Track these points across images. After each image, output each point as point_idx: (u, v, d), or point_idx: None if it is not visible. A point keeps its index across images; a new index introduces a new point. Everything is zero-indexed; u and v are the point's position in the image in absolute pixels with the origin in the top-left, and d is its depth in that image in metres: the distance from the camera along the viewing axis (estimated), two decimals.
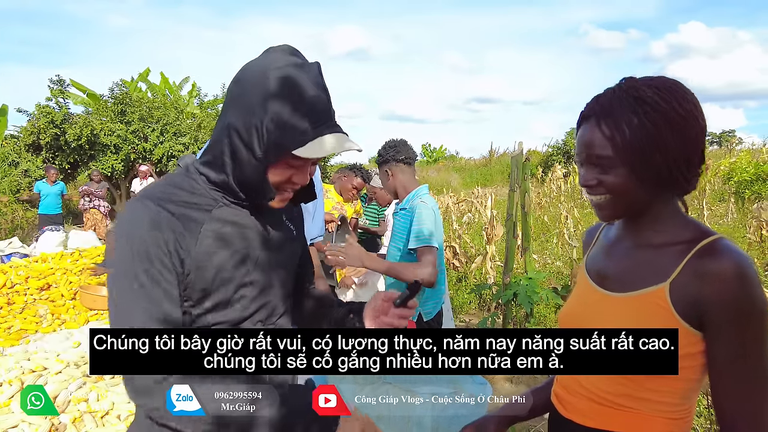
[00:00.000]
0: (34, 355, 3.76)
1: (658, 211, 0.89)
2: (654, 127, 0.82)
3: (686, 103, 0.83)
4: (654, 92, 0.83)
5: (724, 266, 0.78)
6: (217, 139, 0.92)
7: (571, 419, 0.96)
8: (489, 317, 3.48)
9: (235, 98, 0.90)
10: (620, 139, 0.83)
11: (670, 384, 0.85)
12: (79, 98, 15.17)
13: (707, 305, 0.79)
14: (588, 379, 0.93)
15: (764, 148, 12.65)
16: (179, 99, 16.51)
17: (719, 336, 0.79)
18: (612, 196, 0.87)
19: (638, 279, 0.87)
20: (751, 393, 0.80)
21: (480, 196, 12.28)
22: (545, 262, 6.43)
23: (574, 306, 1.01)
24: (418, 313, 2.15)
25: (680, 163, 0.84)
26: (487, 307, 5.06)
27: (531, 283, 3.39)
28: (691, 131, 0.83)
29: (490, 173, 20.18)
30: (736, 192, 9.02)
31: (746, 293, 0.77)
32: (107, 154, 13.65)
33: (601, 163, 0.86)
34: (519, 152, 3.46)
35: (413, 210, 2.09)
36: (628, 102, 0.84)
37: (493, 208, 5.95)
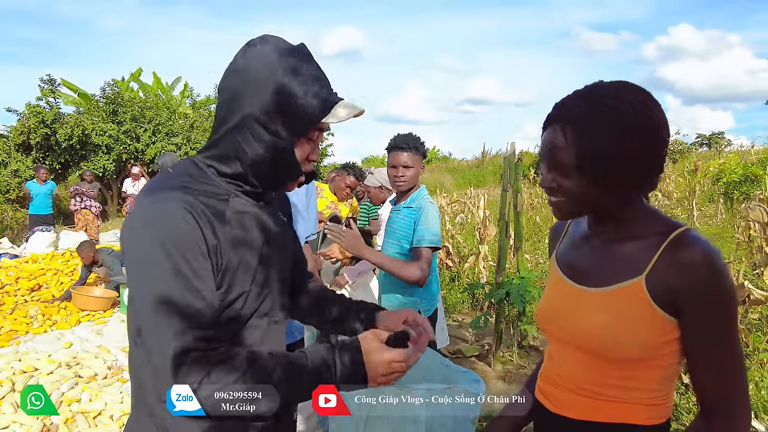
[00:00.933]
0: (25, 356, 3.74)
1: (623, 208, 0.91)
2: (615, 138, 0.82)
3: (649, 114, 0.84)
4: (618, 102, 0.83)
5: (695, 256, 0.82)
6: (228, 132, 0.91)
7: (558, 413, 0.98)
8: (482, 316, 3.50)
9: (244, 87, 0.89)
10: (582, 148, 0.84)
11: (650, 372, 0.88)
12: (69, 98, 15.06)
13: (681, 293, 0.82)
14: (571, 372, 0.95)
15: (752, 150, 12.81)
16: (171, 99, 16.43)
17: (693, 322, 0.83)
18: (569, 199, 0.90)
19: (614, 273, 0.89)
20: (726, 375, 0.84)
21: (472, 196, 12.32)
22: (537, 261, 6.47)
23: (550, 302, 1.02)
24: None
25: (639, 171, 0.86)
26: (479, 307, 5.09)
27: (523, 282, 3.42)
28: (652, 142, 0.84)
29: (482, 174, 20.25)
30: (725, 193, 9.13)
31: (716, 281, 0.81)
32: (99, 154, 13.57)
33: (562, 168, 0.88)
34: (511, 153, 3.49)
35: (420, 209, 2.11)
36: (591, 111, 0.84)
37: (485, 209, 5.98)
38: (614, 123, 0.82)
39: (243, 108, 0.89)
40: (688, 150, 17.89)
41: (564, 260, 1.02)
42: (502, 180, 3.58)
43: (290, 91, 0.87)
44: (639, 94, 0.85)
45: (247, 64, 0.90)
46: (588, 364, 0.93)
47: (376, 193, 3.72)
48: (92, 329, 4.61)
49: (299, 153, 0.92)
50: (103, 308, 5.11)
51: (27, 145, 12.84)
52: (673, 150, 16.39)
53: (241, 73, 0.90)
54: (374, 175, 3.74)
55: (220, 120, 0.92)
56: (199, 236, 0.83)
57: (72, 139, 12.77)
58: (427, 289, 2.19)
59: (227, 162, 0.92)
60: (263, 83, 0.87)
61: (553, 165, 0.89)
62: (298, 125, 0.89)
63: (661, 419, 0.91)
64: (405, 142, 2.13)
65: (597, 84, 0.88)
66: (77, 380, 3.40)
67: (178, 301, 0.81)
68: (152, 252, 0.82)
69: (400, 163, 2.14)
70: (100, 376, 3.51)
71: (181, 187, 0.87)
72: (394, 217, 2.24)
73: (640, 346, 0.86)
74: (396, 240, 2.19)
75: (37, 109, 12.73)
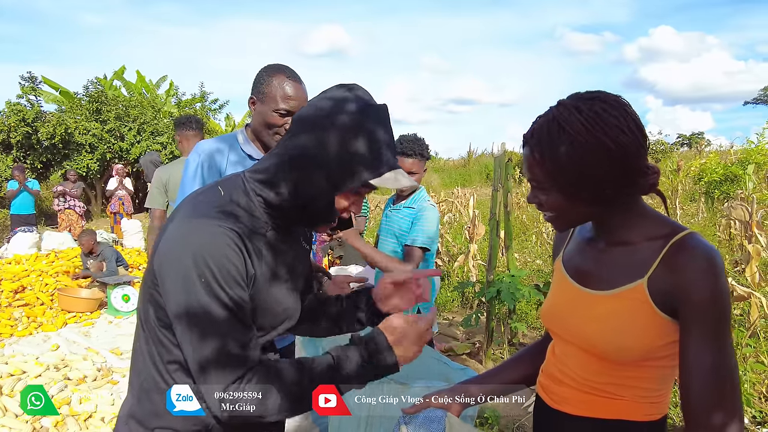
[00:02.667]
0: (11, 359, 3.68)
1: (622, 213, 0.92)
2: (578, 156, 0.84)
3: (611, 130, 0.84)
4: (580, 121, 0.84)
5: (696, 260, 0.83)
6: (284, 161, 0.93)
7: (558, 410, 0.99)
8: (473, 314, 3.54)
9: (312, 124, 0.91)
10: (549, 167, 0.87)
11: (651, 372, 0.90)
12: (51, 96, 14.77)
13: (681, 296, 0.83)
14: (573, 369, 0.97)
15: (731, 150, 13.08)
16: (156, 98, 16.21)
17: (691, 324, 0.83)
18: (556, 214, 0.93)
19: (617, 277, 0.91)
20: (715, 381, 0.81)
21: (460, 196, 12.39)
22: (525, 260, 6.55)
23: (555, 304, 1.04)
24: (417, 308, 2.20)
25: (611, 183, 0.86)
26: (469, 305, 5.14)
27: (513, 280, 3.47)
28: (617, 155, 0.84)
29: (468, 174, 20.36)
30: (706, 192, 9.32)
31: (715, 286, 0.82)
32: (82, 153, 13.34)
33: (539, 184, 0.91)
34: (502, 153, 3.53)
35: (421, 210, 2.14)
36: (554, 130, 0.86)
37: (475, 208, 6.04)
38: (569, 142, 0.84)
39: (309, 146, 0.90)
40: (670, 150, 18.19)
41: (570, 262, 1.04)
42: (492, 179, 3.62)
43: (353, 146, 0.88)
44: (599, 107, 0.86)
45: (331, 106, 0.91)
46: (590, 363, 0.95)
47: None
48: (79, 331, 4.55)
49: (341, 203, 0.94)
50: (89, 310, 5.05)
51: (7, 144, 12.57)
52: (655, 150, 16.64)
53: (322, 113, 0.91)
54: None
55: (284, 145, 0.94)
56: (239, 267, 0.86)
57: (54, 138, 12.54)
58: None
59: (275, 191, 0.94)
60: (335, 131, 0.89)
61: (532, 182, 0.93)
62: (349, 180, 0.90)
63: (658, 416, 0.93)
64: (411, 148, 2.14)
65: (562, 102, 0.90)
66: (66, 382, 3.36)
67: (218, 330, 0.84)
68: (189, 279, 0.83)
69: (405, 169, 2.15)
70: (90, 378, 3.47)
71: (226, 215, 0.89)
72: (393, 216, 2.27)
73: (642, 349, 0.88)
74: (393, 237, 2.22)
75: (17, 108, 12.46)
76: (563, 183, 0.87)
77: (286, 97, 1.54)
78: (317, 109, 0.92)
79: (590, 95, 0.89)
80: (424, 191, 2.27)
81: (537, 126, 0.89)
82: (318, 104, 0.93)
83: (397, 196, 2.32)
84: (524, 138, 0.92)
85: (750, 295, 3.47)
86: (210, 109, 16.85)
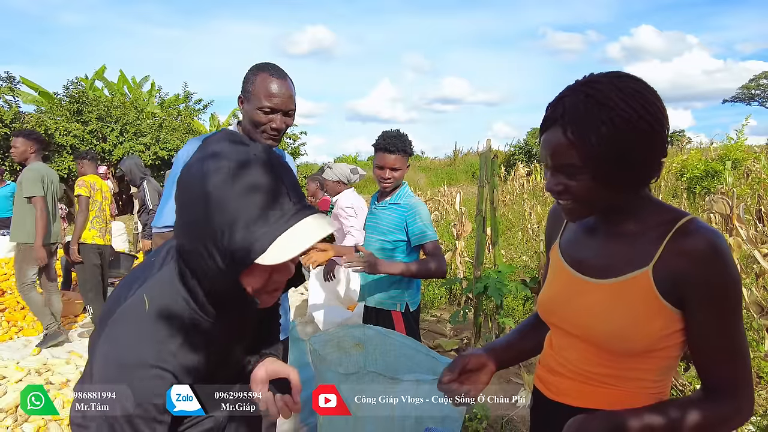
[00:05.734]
0: None
1: (630, 201, 0.89)
2: (621, 136, 0.80)
3: (651, 107, 0.81)
4: (619, 98, 0.80)
5: (700, 244, 0.81)
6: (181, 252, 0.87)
7: (557, 401, 0.98)
8: (461, 310, 3.55)
9: (184, 208, 0.82)
10: (588, 149, 0.81)
11: (653, 363, 0.89)
12: (29, 96, 14.49)
13: (687, 283, 0.82)
14: (572, 361, 0.95)
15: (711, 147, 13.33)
16: (139, 98, 15.99)
17: (700, 310, 0.82)
18: (578, 201, 0.87)
19: (621, 265, 0.88)
20: (732, 360, 0.84)
21: (446, 194, 12.45)
22: (512, 256, 6.59)
23: (554, 294, 1.00)
24: (405, 303, 2.20)
25: (646, 165, 0.84)
26: (457, 302, 5.16)
27: (501, 276, 3.48)
28: (657, 135, 0.82)
29: (454, 173, 20.46)
30: (688, 188, 9.48)
31: (722, 270, 0.81)
32: (63, 155, 13.10)
33: (566, 169, 0.85)
34: (487, 149, 3.55)
35: (410, 207, 2.16)
36: (593, 108, 0.81)
37: (462, 205, 6.05)
38: (609, 120, 0.80)
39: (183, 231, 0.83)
40: None
41: (568, 251, 1.00)
42: (478, 176, 3.63)
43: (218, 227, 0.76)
44: (635, 85, 0.83)
45: (191, 181, 0.79)
46: (591, 354, 0.92)
47: (333, 186, 3.87)
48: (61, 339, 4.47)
49: (252, 282, 0.82)
50: (72, 313, 4.96)
51: None
52: None
53: (183, 191, 0.81)
54: (333, 170, 3.89)
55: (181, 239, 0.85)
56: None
57: None
58: (411, 284, 2.22)
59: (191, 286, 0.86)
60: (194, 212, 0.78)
61: (556, 167, 0.86)
62: (234, 261, 0.77)
63: None
64: (394, 144, 2.14)
65: (589, 79, 0.85)
66: (49, 387, 3.30)
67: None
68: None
69: (388, 165, 2.16)
70: (72, 382, 3.41)
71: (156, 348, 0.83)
72: (379, 213, 2.26)
73: (645, 339, 0.86)
74: (380, 234, 2.21)
75: None
76: (599, 165, 0.82)
77: (269, 95, 1.54)
78: (181, 188, 0.81)
79: (618, 73, 0.84)
80: (407, 186, 2.28)
81: (568, 105, 0.82)
82: (181, 179, 0.81)
83: (380, 193, 2.32)
84: (550, 119, 0.85)
85: None
86: (194, 109, 16.69)
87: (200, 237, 0.79)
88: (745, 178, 10.28)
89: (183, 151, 1.62)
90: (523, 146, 20.67)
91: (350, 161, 24.64)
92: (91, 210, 4.53)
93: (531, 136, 20.95)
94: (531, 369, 3.33)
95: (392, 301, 2.21)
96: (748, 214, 6.26)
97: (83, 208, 4.46)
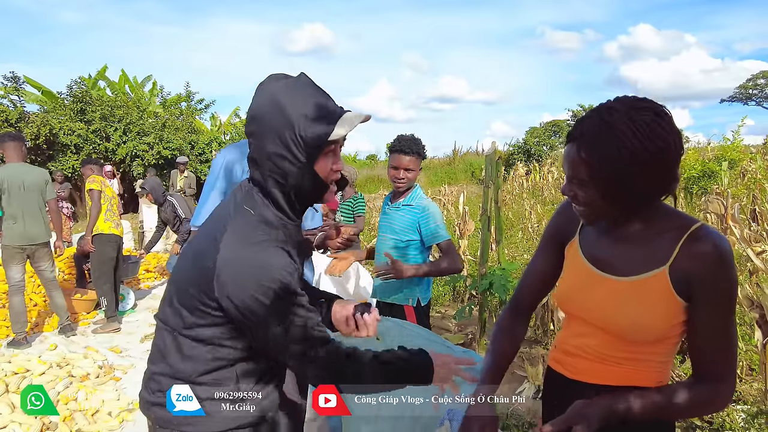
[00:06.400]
0: (14, 358, 3.72)
1: (645, 211, 1.01)
2: (623, 164, 0.91)
3: (659, 141, 0.90)
4: (629, 129, 0.90)
5: (710, 248, 0.94)
6: (259, 161, 1.04)
7: (576, 379, 1.11)
8: (466, 306, 3.69)
9: (261, 131, 1.02)
10: (594, 167, 0.94)
11: (661, 348, 1.03)
12: (33, 96, 14.58)
13: (696, 279, 0.95)
14: (593, 346, 1.08)
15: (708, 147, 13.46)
16: (141, 97, 16.08)
17: (706, 308, 0.96)
18: (588, 208, 1.00)
19: (638, 265, 1.00)
20: (724, 349, 0.98)
21: (447, 194, 12.58)
22: (513, 254, 6.73)
23: (573, 286, 1.11)
24: (417, 298, 2.33)
25: (649, 189, 0.95)
26: (460, 299, 5.30)
27: (505, 273, 3.62)
28: (660, 162, 0.92)
29: (454, 172, 20.52)
30: (685, 188, 9.61)
31: (728, 273, 0.94)
32: (67, 154, 13.21)
33: (577, 180, 0.98)
34: (492, 151, 3.68)
35: (425, 208, 2.31)
36: (604, 135, 0.92)
37: (464, 205, 6.20)
38: (617, 148, 0.91)
39: (265, 148, 1.02)
40: None
41: (587, 249, 1.10)
42: (478, 176, 3.77)
43: (293, 121, 0.99)
44: (648, 117, 0.92)
45: (256, 106, 1.03)
46: (608, 340, 1.05)
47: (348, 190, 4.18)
48: (76, 330, 4.60)
49: (321, 169, 1.04)
50: (85, 310, 5.08)
51: None
52: None
53: (254, 116, 1.04)
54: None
55: (252, 148, 1.06)
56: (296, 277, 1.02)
57: (39, 139, 12.40)
58: (422, 281, 2.36)
59: (271, 194, 1.05)
60: (271, 120, 1.00)
61: (570, 177, 1.00)
62: (310, 148, 1.01)
63: (665, 382, 1.06)
64: (408, 146, 2.28)
65: (611, 104, 0.96)
66: (71, 379, 3.42)
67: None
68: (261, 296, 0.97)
69: (402, 166, 2.29)
70: (93, 375, 3.54)
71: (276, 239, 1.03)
72: (393, 214, 2.40)
73: (659, 329, 0.99)
74: (394, 234, 2.35)
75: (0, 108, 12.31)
76: (603, 183, 0.94)
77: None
78: (251, 116, 1.05)
79: (641, 104, 0.94)
80: (419, 188, 2.41)
81: (587, 127, 0.95)
82: (250, 112, 1.05)
83: (393, 194, 2.45)
84: (571, 135, 0.98)
85: None
86: (195, 109, 16.77)
87: (280, 138, 1.00)
88: (741, 178, 10.43)
89: (220, 157, 1.75)
90: (522, 146, 20.63)
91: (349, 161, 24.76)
92: (103, 203, 4.68)
93: (530, 135, 20.93)
94: (534, 362, 3.47)
95: (404, 297, 2.34)
96: (743, 213, 6.41)
97: (96, 202, 4.60)
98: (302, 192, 1.05)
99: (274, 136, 1.00)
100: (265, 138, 1.01)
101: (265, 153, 1.02)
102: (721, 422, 2.64)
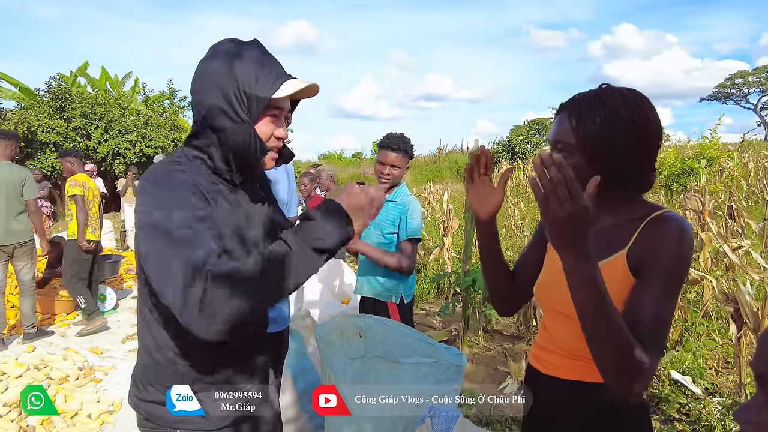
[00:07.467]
0: None
1: (614, 198, 1.02)
2: (612, 128, 0.96)
3: (646, 118, 0.96)
4: (620, 100, 0.97)
5: (667, 229, 0.95)
6: (199, 123, 1.04)
7: (549, 374, 1.13)
8: (450, 303, 3.71)
9: (203, 86, 1.03)
10: (582, 132, 0.98)
11: None
12: (9, 93, 14.25)
13: (649, 256, 0.95)
14: (561, 339, 1.10)
15: (688, 145, 13.72)
16: (123, 95, 15.83)
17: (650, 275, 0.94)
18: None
19: (602, 250, 1.01)
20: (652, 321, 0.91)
21: (432, 191, 12.61)
22: None
23: (547, 280, 1.15)
24: (400, 295, 2.34)
25: (633, 161, 0.97)
26: (444, 296, 5.32)
27: None
28: (644, 137, 0.97)
29: (439, 170, 20.60)
30: (665, 185, 9.78)
31: (679, 249, 0.93)
32: (46, 152, 12.94)
33: (564, 149, 1.00)
34: (476, 149, 3.70)
35: (406, 204, 2.33)
36: (596, 103, 0.98)
37: (449, 202, 6.22)
38: (605, 113, 0.97)
39: (206, 102, 1.02)
40: None
41: None
42: (462, 175, 3.78)
43: (238, 77, 1.00)
44: (640, 99, 0.99)
45: (204, 63, 1.04)
46: (575, 331, 1.04)
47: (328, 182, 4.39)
48: (56, 332, 4.52)
49: (262, 131, 1.04)
50: (65, 311, 5.00)
51: None
52: None
53: (201, 72, 1.04)
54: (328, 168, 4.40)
55: (195, 118, 1.06)
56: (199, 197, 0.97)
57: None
58: (405, 278, 2.37)
59: (208, 153, 1.04)
60: (216, 76, 1.01)
61: (556, 146, 1.02)
62: (252, 106, 1.01)
63: None
64: (396, 143, 2.30)
65: (607, 85, 1.02)
66: (49, 382, 3.36)
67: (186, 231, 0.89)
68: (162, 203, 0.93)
69: (388, 162, 2.31)
70: (72, 377, 3.48)
71: (182, 171, 1.01)
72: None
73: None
74: (379, 230, 2.36)
75: None
76: (589, 148, 0.97)
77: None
78: (198, 72, 1.05)
79: (630, 89, 1.00)
80: (405, 186, 2.43)
81: (578, 97, 1.01)
82: (198, 69, 1.05)
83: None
84: (561, 105, 1.02)
85: (703, 278, 3.76)
86: (179, 106, 16.57)
87: (223, 93, 1.00)
88: (719, 175, 10.65)
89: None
90: (506, 144, 20.83)
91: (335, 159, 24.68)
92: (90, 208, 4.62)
93: (514, 133, 21.14)
94: (516, 358, 3.51)
95: (388, 293, 2.35)
96: (720, 210, 6.55)
97: (81, 207, 4.53)
98: (239, 151, 1.03)
99: (217, 91, 1.01)
100: (208, 92, 1.02)
101: (206, 107, 1.02)
102: (698, 414, 2.70)
